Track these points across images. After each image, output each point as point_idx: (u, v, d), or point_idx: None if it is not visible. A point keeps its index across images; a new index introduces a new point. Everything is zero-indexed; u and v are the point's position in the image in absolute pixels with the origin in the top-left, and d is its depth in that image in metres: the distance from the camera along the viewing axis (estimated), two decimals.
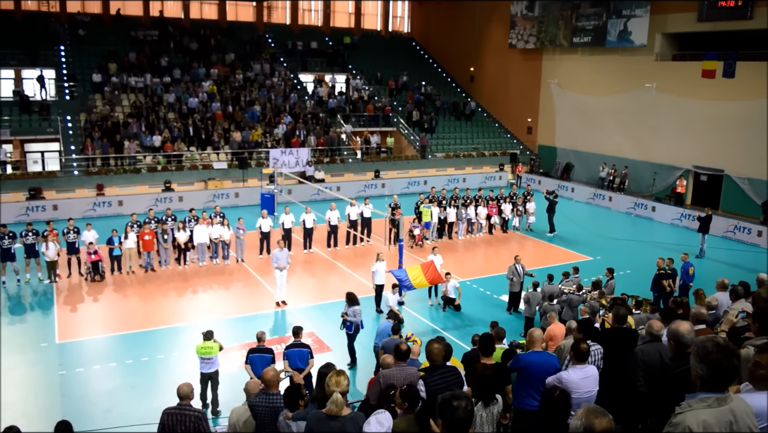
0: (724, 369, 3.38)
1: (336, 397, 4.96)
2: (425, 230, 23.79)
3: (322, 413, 5.03)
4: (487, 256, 23.27)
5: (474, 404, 4.03)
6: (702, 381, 3.43)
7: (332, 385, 5.02)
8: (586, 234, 25.72)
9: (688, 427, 3.24)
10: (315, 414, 5.32)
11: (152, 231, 19.63)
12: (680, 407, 3.39)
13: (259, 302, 17.31)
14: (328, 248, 22.46)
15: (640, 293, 15.56)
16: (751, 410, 3.44)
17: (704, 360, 3.41)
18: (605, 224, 28.05)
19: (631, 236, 25.90)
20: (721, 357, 3.39)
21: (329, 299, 17.69)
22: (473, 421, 6.06)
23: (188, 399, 7.64)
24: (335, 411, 4.91)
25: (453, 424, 3.84)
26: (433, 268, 16.15)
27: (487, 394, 6.12)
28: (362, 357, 13.85)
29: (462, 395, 3.91)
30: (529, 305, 15.32)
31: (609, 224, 28.11)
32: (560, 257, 22.43)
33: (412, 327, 15.16)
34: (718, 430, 3.27)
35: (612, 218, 29.63)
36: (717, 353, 3.40)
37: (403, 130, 38.29)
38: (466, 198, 25.32)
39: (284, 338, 14.80)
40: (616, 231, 26.64)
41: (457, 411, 3.82)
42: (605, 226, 27.68)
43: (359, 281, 19.08)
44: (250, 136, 31.99)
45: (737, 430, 3.31)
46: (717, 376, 3.38)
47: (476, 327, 15.26)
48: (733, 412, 3.34)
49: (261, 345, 10.87)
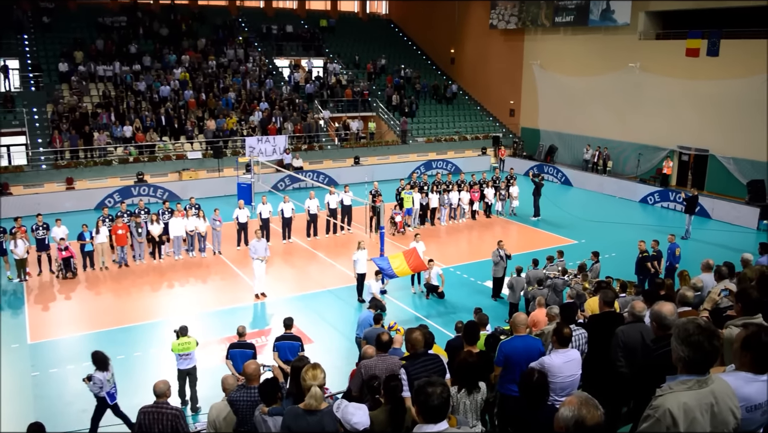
0: (705, 351, 3.40)
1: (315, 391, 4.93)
2: (407, 216, 23.81)
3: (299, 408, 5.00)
4: (471, 242, 23.32)
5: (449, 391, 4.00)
6: (683, 363, 3.44)
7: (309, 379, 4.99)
8: (570, 217, 25.90)
9: (668, 410, 3.26)
10: (292, 409, 5.29)
11: (125, 225, 19.41)
12: (660, 390, 3.40)
13: (238, 295, 17.24)
14: (308, 237, 22.39)
15: (625, 276, 15.69)
16: (733, 391, 3.47)
17: (685, 342, 3.42)
18: (591, 207, 28.28)
19: (616, 218, 26.15)
20: (702, 339, 3.40)
21: (310, 289, 17.69)
22: (456, 409, 6.09)
23: (165, 397, 7.59)
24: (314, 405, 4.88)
25: (428, 411, 3.83)
26: (416, 255, 16.16)
27: (471, 382, 6.15)
28: (344, 348, 13.87)
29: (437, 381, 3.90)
30: (513, 290, 15.41)
31: (594, 207, 28.35)
32: (545, 241, 22.55)
33: (395, 316, 15.19)
34: (699, 412, 3.29)
35: (596, 200, 29.88)
36: (698, 334, 3.41)
37: (382, 115, 38.18)
38: (448, 183, 25.36)
39: (264, 331, 14.78)
40: (601, 214, 26.86)
41: (432, 397, 3.81)
42: (591, 208, 27.91)
43: (340, 270, 19.06)
44: (224, 124, 31.72)
45: (718, 412, 3.34)
46: (698, 358, 3.40)
47: (460, 314, 15.32)
48: (714, 394, 3.36)
49: (242, 340, 10.83)
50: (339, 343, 14.35)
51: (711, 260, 10.33)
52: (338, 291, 17.57)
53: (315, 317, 15.72)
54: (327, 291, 17.58)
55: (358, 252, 16.61)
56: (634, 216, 26.61)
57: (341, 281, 18.20)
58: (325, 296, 17.29)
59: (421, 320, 15.17)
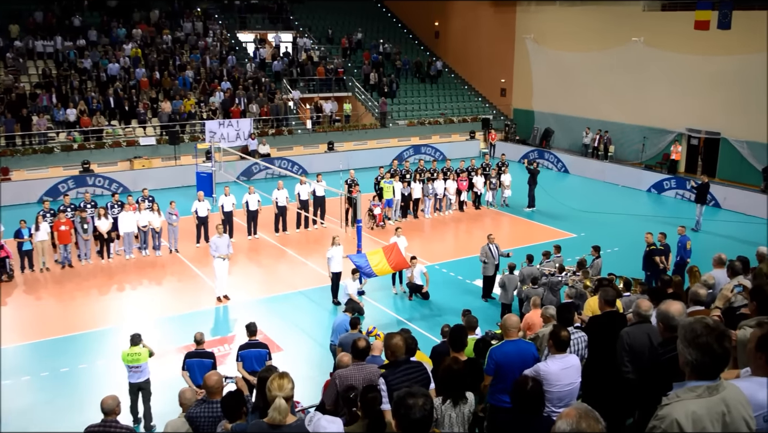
0: (715, 354, 3.39)
1: (279, 403, 4.89)
2: (387, 208, 23.79)
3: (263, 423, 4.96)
4: (458, 236, 23.34)
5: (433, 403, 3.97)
6: (691, 368, 3.44)
7: (274, 389, 4.94)
8: (568, 208, 26.06)
9: (675, 420, 3.25)
10: (256, 424, 5.24)
11: (69, 220, 19.18)
12: (667, 398, 3.39)
13: (197, 298, 17.14)
14: (276, 232, 22.32)
15: (630, 272, 15.79)
16: (746, 398, 3.46)
17: (692, 344, 3.41)
18: (591, 196, 28.47)
19: (619, 209, 26.36)
20: (712, 340, 3.39)
21: (278, 291, 17.63)
22: (441, 422, 6.08)
23: (114, 414, 7.49)
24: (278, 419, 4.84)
25: (409, 425, 3.80)
26: (397, 251, 16.14)
27: (457, 392, 6.14)
28: (318, 357, 13.85)
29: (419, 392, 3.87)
30: (506, 290, 15.46)
31: (595, 196, 28.55)
32: (540, 234, 22.64)
33: (374, 319, 15.17)
34: (709, 422, 3.28)
35: (597, 189, 30.08)
36: (707, 335, 3.40)
37: (359, 95, 38.07)
38: (432, 171, 25.35)
39: (227, 339, 14.72)
40: (602, 204, 27.06)
41: (413, 410, 3.78)
42: (590, 198, 28.09)
43: (312, 269, 18.99)
44: (181, 106, 31.46)
45: (730, 422, 3.33)
46: (707, 362, 3.39)
47: (447, 317, 15.34)
48: (726, 402, 3.36)
49: (200, 348, 10.78)
50: (311, 350, 14.29)
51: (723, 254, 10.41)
52: (310, 292, 17.51)
53: (284, 322, 15.64)
54: (298, 293, 17.52)
55: (333, 249, 16.56)
56: (639, 206, 26.84)
57: (314, 282, 18.12)
58: (296, 298, 17.22)
59: (403, 324, 15.17)
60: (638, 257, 17.43)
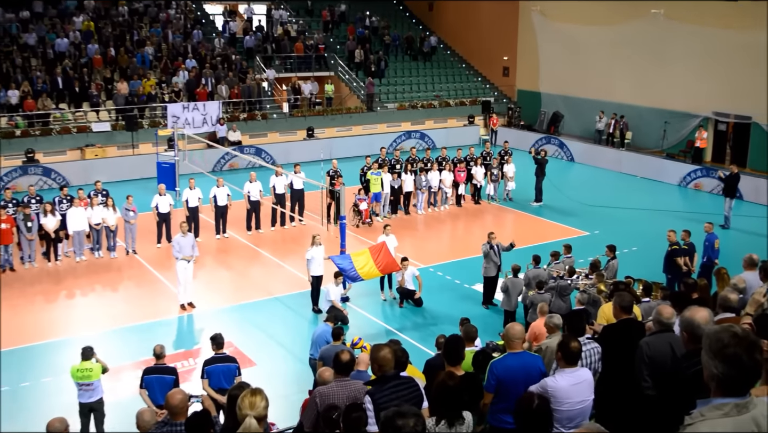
0: (745, 367, 3.37)
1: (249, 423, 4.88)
2: (374, 203, 23.78)
3: None
4: (455, 234, 23.34)
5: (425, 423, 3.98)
6: (717, 382, 3.43)
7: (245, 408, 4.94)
8: (580, 203, 26.11)
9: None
10: None
11: (10, 217, 19.05)
12: (690, 417, 3.39)
13: (158, 306, 17.07)
14: (248, 231, 22.31)
15: (650, 275, 15.87)
16: None
17: (719, 356, 3.40)
18: (605, 189, 28.55)
19: (637, 203, 26.46)
20: (741, 351, 3.38)
21: (251, 298, 17.59)
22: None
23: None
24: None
25: None
26: (386, 252, 16.14)
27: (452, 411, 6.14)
28: (295, 372, 13.84)
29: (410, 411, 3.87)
30: (509, 295, 15.46)
31: (610, 189, 28.63)
32: (548, 232, 22.70)
33: (360, 330, 15.18)
34: None
35: (613, 181, 30.19)
36: (735, 346, 3.39)
37: (342, 75, 38.02)
38: (426, 161, 25.36)
39: (192, 352, 14.67)
40: (618, 198, 27.14)
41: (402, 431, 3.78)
42: (605, 191, 28.18)
43: (290, 272, 18.97)
44: (140, 87, 31.34)
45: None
46: (735, 376, 3.38)
47: (442, 326, 15.32)
48: (757, 421, 3.35)
49: (160, 363, 10.76)
50: (288, 365, 14.26)
51: (755, 254, 10.46)
52: (287, 299, 17.49)
53: (257, 333, 15.61)
54: (273, 299, 17.49)
55: (313, 249, 16.51)
56: (660, 200, 26.92)
57: (291, 287, 18.10)
58: (271, 305, 17.19)
59: (392, 335, 15.15)
60: (659, 257, 17.45)
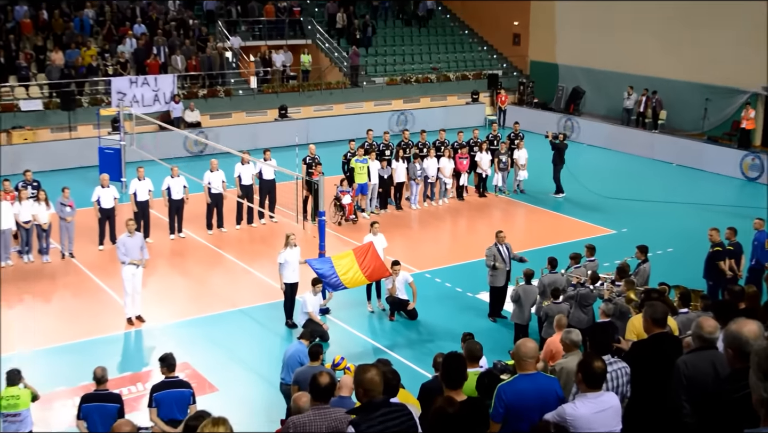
0: None
1: None
2: (360, 196, 23.77)
3: None
4: (456, 234, 23.35)
5: None
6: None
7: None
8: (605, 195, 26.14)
9: None
10: None
11: None
12: None
13: (99, 320, 16.96)
14: (209, 229, 22.25)
15: (689, 281, 15.81)
16: None
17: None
18: (635, 179, 28.59)
19: (673, 196, 26.47)
20: None
21: (211, 310, 17.49)
22: None
23: None
24: None
25: None
26: (374, 254, 16.09)
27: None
28: (265, 399, 13.79)
29: None
30: (521, 305, 15.41)
31: (640, 179, 28.67)
32: (567, 230, 22.71)
33: (343, 348, 15.12)
34: None
35: (644, 169, 30.26)
36: None
37: (322, 43, 38.00)
38: (421, 145, 25.34)
39: (139, 376, 14.59)
40: (651, 189, 27.18)
41: None
42: (635, 181, 28.22)
43: (259, 279, 18.96)
44: (78, 58, 31.29)
45: None
46: None
47: (441, 343, 15.27)
48: None
49: (101, 389, 10.69)
50: (257, 391, 14.21)
51: None
52: (255, 311, 17.44)
53: (220, 352, 15.53)
54: (238, 312, 17.42)
55: (287, 251, 16.43)
56: (700, 192, 26.93)
57: (260, 296, 18.08)
58: (236, 319, 17.12)
59: (382, 353, 15.12)
60: (700, 260, 17.44)
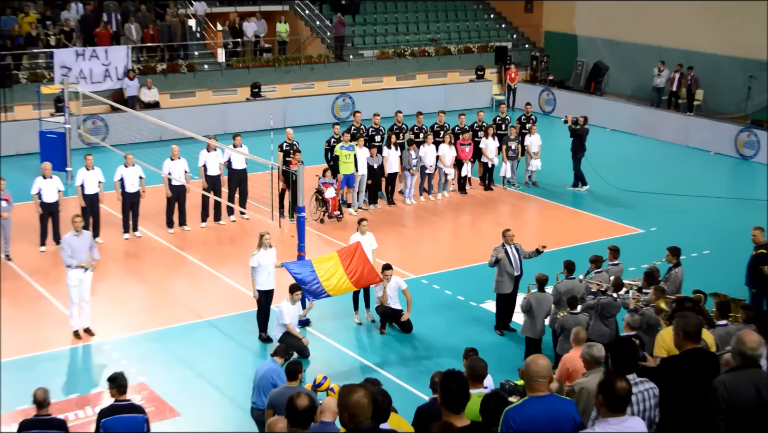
0: None
1: None
2: (346, 189, 23.82)
3: None
4: (458, 233, 23.38)
5: None
6: None
7: None
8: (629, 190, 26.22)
9: None
10: None
11: None
12: None
13: (42, 333, 16.96)
14: (170, 228, 22.26)
15: (729, 288, 15.84)
16: None
17: None
18: (666, 170, 28.71)
19: (711, 189, 26.52)
20: None
21: (172, 321, 17.49)
22: None
23: None
24: None
25: None
26: (362, 257, 16.06)
27: None
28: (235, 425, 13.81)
29: None
30: (533, 317, 15.41)
31: (673, 170, 28.77)
32: (587, 229, 22.81)
33: (325, 365, 15.15)
34: None
35: (677, 158, 30.35)
36: None
37: (301, 10, 37.96)
38: (417, 130, 25.39)
39: (87, 399, 14.57)
40: (685, 182, 27.23)
41: None
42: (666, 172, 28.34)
43: (228, 286, 19.00)
44: (14, 25, 31.23)
45: None
46: None
47: (439, 360, 15.40)
48: None
49: (42, 414, 10.69)
50: (224, 415, 14.23)
51: None
52: (223, 323, 17.43)
53: (182, 371, 15.53)
54: (204, 324, 17.43)
55: (260, 253, 16.42)
56: (742, 185, 27.04)
57: (229, 305, 18.08)
58: (201, 332, 17.12)
59: (371, 372, 15.14)
60: (741, 264, 17.47)
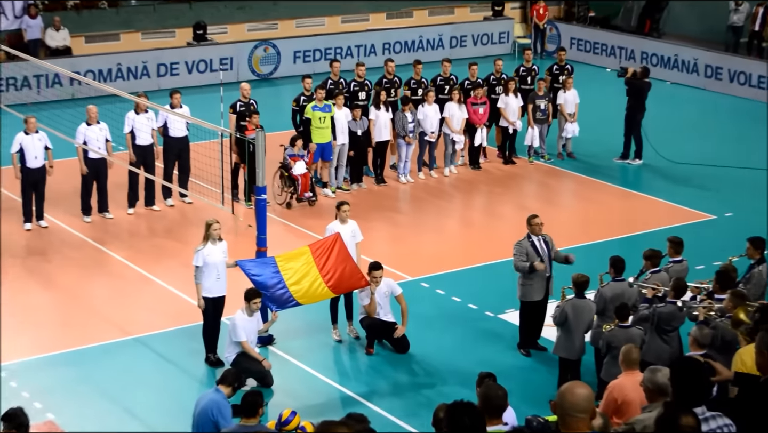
0: None
1: None
2: (320, 163, 23.90)
3: None
4: (469, 221, 23.47)
5: None
6: None
7: None
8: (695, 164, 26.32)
9: None
10: None
11: None
12: None
13: None
14: (86, 216, 22.31)
15: None
16: None
17: None
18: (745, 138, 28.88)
19: None
20: None
21: (90, 339, 17.55)
22: None
23: None
24: None
25: None
26: (341, 253, 16.16)
27: None
28: None
29: None
30: (569, 331, 15.45)
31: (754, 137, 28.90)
32: (641, 216, 22.98)
33: (295, 397, 15.19)
34: None
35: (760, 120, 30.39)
36: None
37: None
38: (415, 84, 25.49)
39: None
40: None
41: None
42: (744, 140, 28.50)
43: (164, 291, 19.14)
44: None
45: None
46: None
47: (444, 388, 15.47)
48: None
49: None
50: None
51: None
52: (157, 341, 17.54)
53: (103, 405, 15.59)
54: (131, 341, 17.51)
55: (207, 248, 16.45)
56: None
57: (164, 318, 18.24)
58: (128, 352, 17.20)
59: (355, 405, 15.20)
60: None
